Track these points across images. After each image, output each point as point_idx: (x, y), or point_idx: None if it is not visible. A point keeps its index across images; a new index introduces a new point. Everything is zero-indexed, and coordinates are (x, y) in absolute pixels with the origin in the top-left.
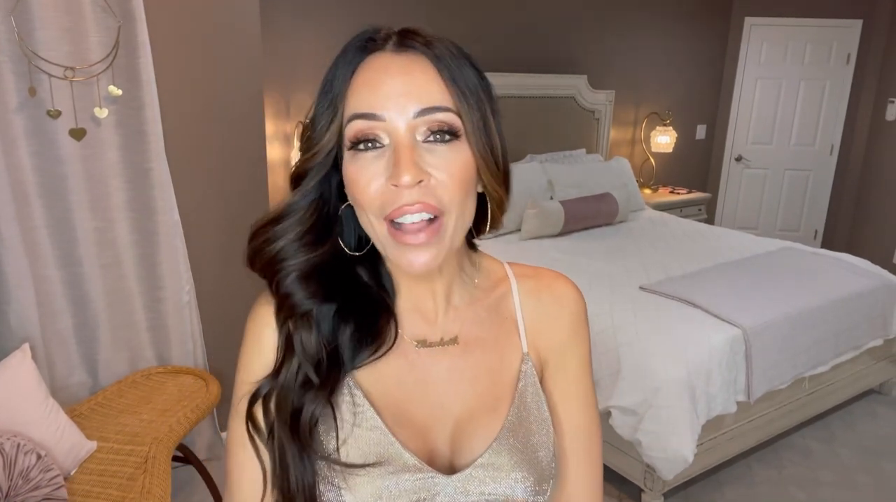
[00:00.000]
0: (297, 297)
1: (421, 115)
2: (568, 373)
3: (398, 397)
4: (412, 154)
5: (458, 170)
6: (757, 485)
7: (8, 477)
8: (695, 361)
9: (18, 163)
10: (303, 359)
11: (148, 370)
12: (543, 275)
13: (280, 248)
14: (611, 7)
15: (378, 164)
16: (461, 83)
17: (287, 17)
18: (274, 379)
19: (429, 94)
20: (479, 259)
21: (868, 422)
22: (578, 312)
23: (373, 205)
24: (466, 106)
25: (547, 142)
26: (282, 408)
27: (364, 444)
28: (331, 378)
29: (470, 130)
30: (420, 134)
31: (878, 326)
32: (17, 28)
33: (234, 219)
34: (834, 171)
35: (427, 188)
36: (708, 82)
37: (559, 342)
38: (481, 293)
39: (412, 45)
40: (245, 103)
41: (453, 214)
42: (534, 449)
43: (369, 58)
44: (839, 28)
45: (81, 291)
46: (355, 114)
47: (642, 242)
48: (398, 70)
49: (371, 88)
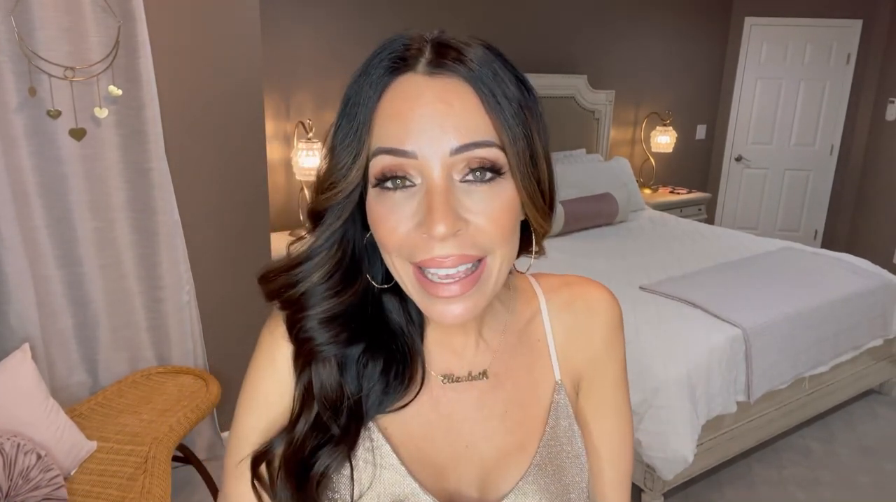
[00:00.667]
0: (320, 341)
1: (459, 152)
2: (604, 386)
3: (419, 435)
4: (448, 199)
5: (500, 212)
6: (757, 485)
7: (8, 477)
8: (695, 361)
9: (18, 164)
10: (322, 407)
11: (148, 370)
12: (573, 286)
13: (302, 293)
14: (611, 7)
15: (407, 206)
16: (506, 111)
17: (287, 17)
18: (290, 433)
19: (468, 127)
20: (513, 280)
21: (868, 422)
22: (612, 320)
23: (400, 251)
24: (511, 138)
25: None
26: (290, 461)
27: (380, 486)
28: (353, 431)
29: (514, 165)
30: (458, 173)
31: (878, 326)
32: (17, 28)
33: (234, 218)
34: (834, 171)
35: (465, 237)
36: (708, 82)
37: (596, 355)
38: (514, 319)
39: (448, 64)
40: (245, 103)
41: (497, 256)
42: (565, 487)
43: (398, 80)
44: (839, 28)
45: (81, 291)
46: (382, 148)
47: (642, 242)
48: (433, 97)
49: (401, 120)
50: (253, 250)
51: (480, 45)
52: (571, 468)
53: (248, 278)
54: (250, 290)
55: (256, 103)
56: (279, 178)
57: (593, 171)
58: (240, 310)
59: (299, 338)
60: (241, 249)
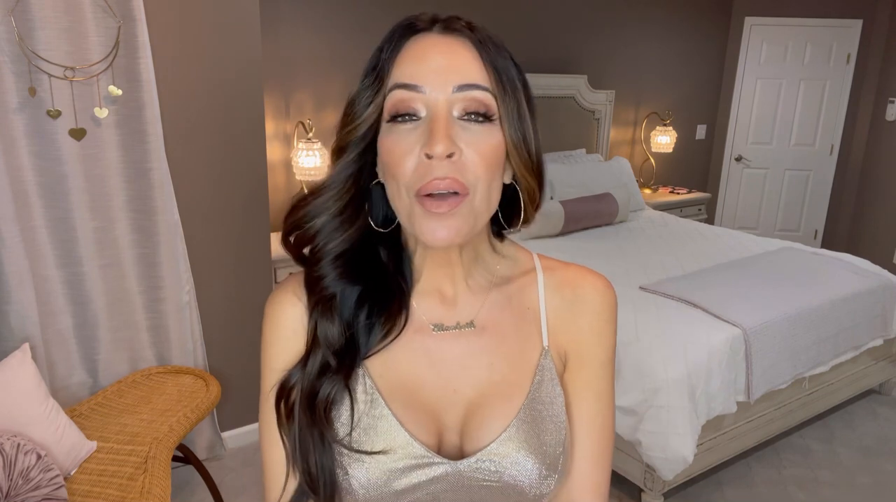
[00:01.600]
0: (329, 279)
1: (460, 90)
2: (590, 370)
3: (410, 380)
4: (447, 127)
5: (488, 150)
6: (757, 485)
7: (8, 477)
8: (695, 361)
9: (18, 163)
10: (325, 345)
11: (148, 370)
12: (573, 270)
13: (320, 227)
14: (611, 7)
15: (413, 136)
16: (501, 69)
17: (287, 17)
18: (302, 369)
19: (469, 72)
20: (507, 248)
21: (868, 422)
22: (605, 309)
23: (405, 177)
24: (503, 91)
25: (547, 142)
26: (303, 393)
27: (373, 431)
28: (347, 362)
29: (504, 115)
30: (456, 110)
31: (878, 326)
32: (16, 28)
33: (234, 218)
34: (834, 171)
35: (457, 164)
36: (708, 82)
37: (583, 337)
38: (503, 280)
39: (457, 28)
40: (245, 103)
41: (477, 194)
42: (545, 443)
43: (415, 37)
44: (839, 28)
45: (81, 291)
46: (397, 83)
47: (642, 242)
48: (443, 48)
49: (415, 62)
50: (253, 250)
51: (483, 30)
52: (552, 427)
53: (248, 278)
54: (250, 290)
55: (256, 103)
56: (279, 178)
57: (593, 171)
58: (240, 310)
59: (314, 276)
60: (241, 249)
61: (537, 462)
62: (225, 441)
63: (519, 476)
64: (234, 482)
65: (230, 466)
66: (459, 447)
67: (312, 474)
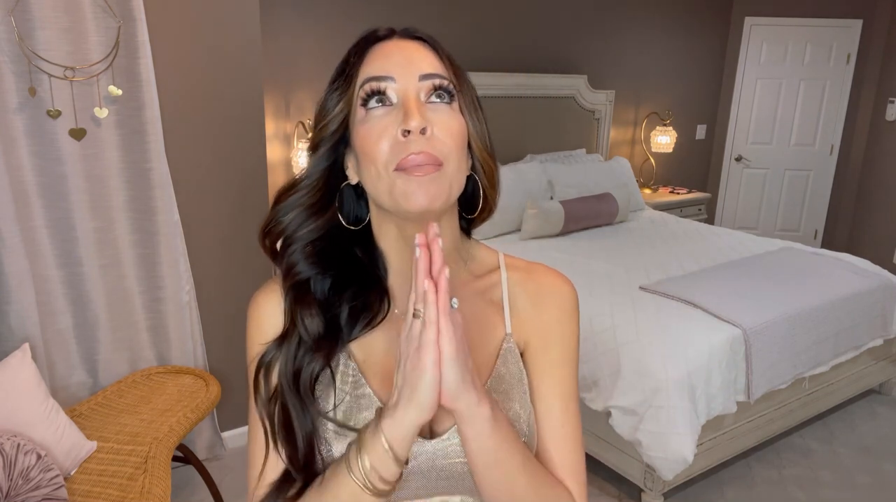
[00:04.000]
0: (301, 266)
1: (425, 78)
2: (549, 358)
3: (388, 364)
4: (419, 105)
5: (455, 128)
6: (757, 485)
7: (8, 477)
8: (695, 361)
9: (18, 163)
10: (302, 326)
11: (148, 370)
12: (535, 269)
13: (290, 220)
14: (611, 7)
15: (387, 119)
16: (456, 70)
17: (287, 16)
18: (279, 346)
19: (430, 64)
20: (472, 247)
21: (868, 422)
22: (566, 305)
23: (383, 156)
24: (459, 81)
25: (547, 142)
26: (286, 371)
27: (355, 409)
28: (327, 343)
29: (463, 104)
30: (423, 94)
31: (878, 326)
32: (17, 28)
33: (234, 219)
34: (834, 171)
35: (430, 140)
36: (708, 82)
37: (544, 331)
38: (470, 278)
39: (416, 35)
40: (245, 103)
41: (450, 165)
42: (514, 416)
43: (379, 43)
44: (839, 28)
45: (81, 291)
46: (369, 77)
47: (642, 242)
48: (404, 47)
49: (382, 59)
50: (253, 250)
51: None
52: (519, 398)
53: (248, 278)
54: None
55: (256, 103)
56: (279, 178)
57: (593, 171)
58: (240, 310)
59: (286, 264)
60: (241, 249)
61: None
62: (225, 441)
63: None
64: (234, 482)
65: (230, 466)
66: (431, 427)
67: (297, 448)
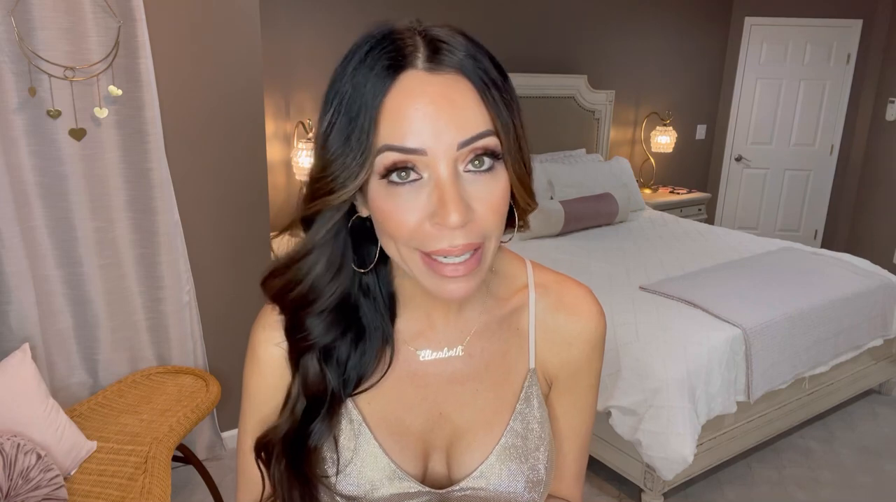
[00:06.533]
0: (316, 333)
1: (465, 145)
2: (577, 391)
3: (399, 407)
4: (458, 190)
5: (499, 200)
6: (757, 485)
7: (8, 477)
8: (695, 361)
9: (18, 163)
10: (307, 392)
11: (148, 370)
12: (567, 290)
13: (310, 286)
14: (611, 7)
15: (416, 199)
16: (497, 100)
17: (287, 17)
18: (283, 417)
19: (472, 120)
20: (500, 261)
21: (868, 422)
22: (594, 337)
23: (409, 242)
24: (503, 124)
25: (547, 142)
26: (285, 441)
27: (361, 465)
28: (333, 408)
29: (507, 149)
30: (462, 163)
31: (878, 326)
32: (17, 28)
33: (234, 219)
34: (834, 171)
35: (472, 226)
36: (708, 82)
37: (572, 364)
38: (496, 303)
39: (444, 59)
40: (245, 103)
41: (492, 240)
42: (530, 466)
43: (400, 78)
44: (839, 28)
45: (81, 291)
46: (390, 146)
47: (642, 242)
48: (436, 94)
49: (407, 118)
50: (253, 250)
51: (458, 32)
52: (538, 446)
53: (248, 278)
54: (250, 290)
55: (256, 103)
56: (279, 178)
57: (593, 171)
58: (240, 310)
59: (297, 336)
60: (241, 249)
61: (523, 483)
62: (225, 441)
63: (503, 499)
64: (234, 482)
65: (230, 466)
66: (447, 474)
67: None
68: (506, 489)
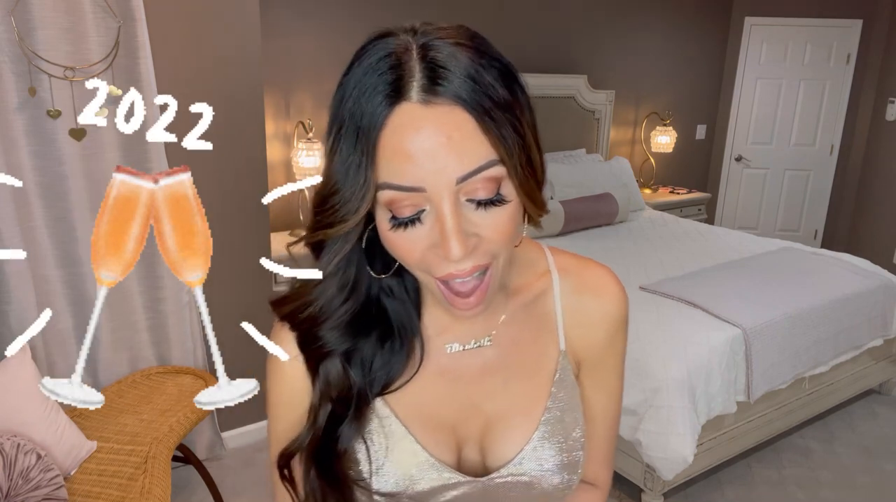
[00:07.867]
0: (331, 344)
1: (464, 180)
2: (604, 371)
3: (429, 401)
4: (458, 223)
5: (505, 223)
6: (757, 485)
7: (8, 477)
8: (695, 361)
9: (18, 163)
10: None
11: (148, 370)
12: (588, 272)
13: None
14: (611, 7)
15: (420, 229)
16: (501, 126)
17: (287, 17)
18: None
19: (471, 153)
20: (518, 251)
21: (868, 422)
22: (618, 316)
23: (418, 267)
24: (508, 150)
25: (547, 143)
26: (311, 448)
27: (397, 458)
28: (360, 409)
29: (514, 173)
30: (464, 194)
31: (878, 326)
32: (16, 28)
33: (234, 218)
34: (834, 171)
35: (477, 250)
36: (708, 82)
37: (598, 345)
38: (519, 289)
39: (440, 89)
40: (245, 103)
41: (501, 258)
42: (568, 449)
43: (395, 111)
44: (839, 28)
45: (81, 291)
46: (389, 184)
47: (642, 242)
48: (433, 130)
49: (404, 156)
50: (253, 250)
51: (464, 47)
52: (572, 431)
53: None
54: (251, 290)
55: (256, 103)
56: (279, 178)
57: (593, 171)
58: (240, 310)
59: (310, 346)
60: (241, 249)
61: (562, 465)
62: (225, 441)
63: (545, 482)
64: (234, 482)
65: (230, 466)
66: (481, 462)
67: None
68: (546, 472)
